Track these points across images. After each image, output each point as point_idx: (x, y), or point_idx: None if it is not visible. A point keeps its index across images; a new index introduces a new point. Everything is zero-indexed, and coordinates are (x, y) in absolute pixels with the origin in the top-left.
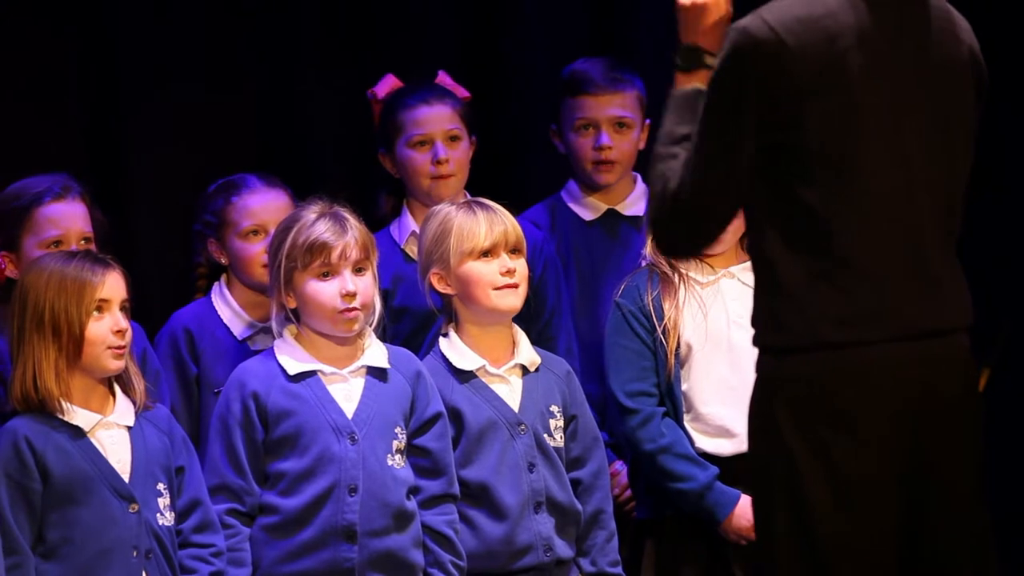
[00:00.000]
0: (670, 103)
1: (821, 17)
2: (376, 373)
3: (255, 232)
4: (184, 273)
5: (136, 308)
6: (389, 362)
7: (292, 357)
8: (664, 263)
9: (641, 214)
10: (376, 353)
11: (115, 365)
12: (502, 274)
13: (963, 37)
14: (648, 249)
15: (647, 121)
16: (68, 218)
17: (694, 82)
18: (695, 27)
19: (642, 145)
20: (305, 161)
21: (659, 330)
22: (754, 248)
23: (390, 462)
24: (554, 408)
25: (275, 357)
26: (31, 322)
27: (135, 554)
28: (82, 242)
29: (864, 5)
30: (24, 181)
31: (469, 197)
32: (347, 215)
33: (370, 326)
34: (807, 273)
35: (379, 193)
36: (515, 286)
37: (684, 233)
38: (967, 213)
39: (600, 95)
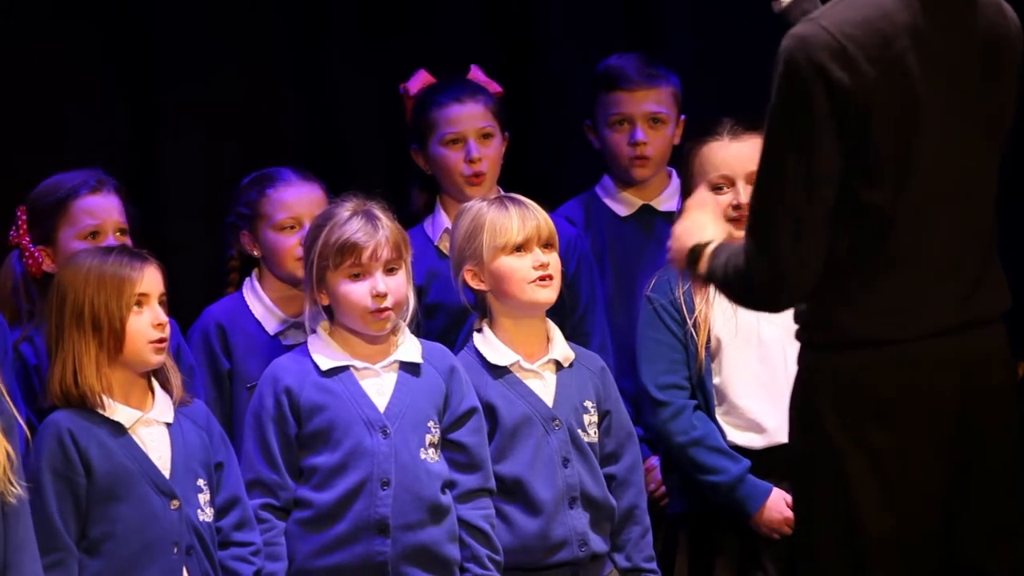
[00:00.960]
0: (710, 269)
1: (876, 19)
2: (409, 368)
3: (289, 225)
4: (216, 266)
5: (169, 302)
6: (423, 357)
7: (325, 353)
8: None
9: (675, 210)
10: (409, 348)
11: (156, 359)
12: (535, 268)
13: (1014, 30)
14: None
15: (682, 117)
16: (104, 210)
17: (706, 252)
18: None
19: (677, 140)
20: (340, 155)
21: (690, 324)
22: None
23: (423, 456)
24: (588, 403)
25: (308, 353)
26: (70, 318)
27: (176, 550)
28: (118, 234)
29: (918, 4)
30: (58, 176)
31: (502, 192)
32: (379, 213)
33: (404, 321)
34: (850, 270)
35: (412, 189)
36: (549, 279)
37: (797, 277)
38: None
39: (635, 90)
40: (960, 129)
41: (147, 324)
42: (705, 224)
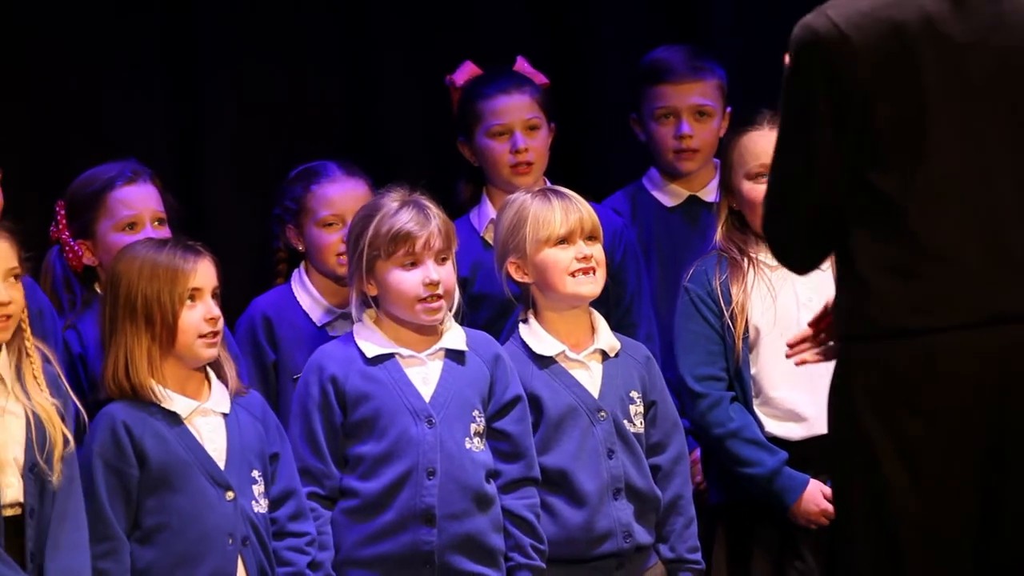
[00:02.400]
0: None
1: (885, 7)
2: (454, 356)
3: (332, 223)
4: (262, 258)
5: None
6: (468, 345)
7: (371, 341)
8: (734, 248)
9: (715, 200)
10: (454, 336)
11: (208, 353)
12: (578, 260)
13: None
14: (719, 237)
15: (728, 109)
16: (141, 199)
17: None
18: None
19: (723, 133)
20: (386, 147)
21: (727, 314)
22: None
23: (468, 445)
24: (634, 394)
25: (354, 341)
26: (123, 310)
27: (231, 541)
28: (156, 224)
29: None
30: (94, 169)
31: (548, 184)
32: (428, 204)
33: (451, 312)
34: (883, 260)
35: (458, 180)
36: (592, 271)
37: (793, 237)
38: None
39: (681, 83)
40: (976, 115)
41: (199, 318)
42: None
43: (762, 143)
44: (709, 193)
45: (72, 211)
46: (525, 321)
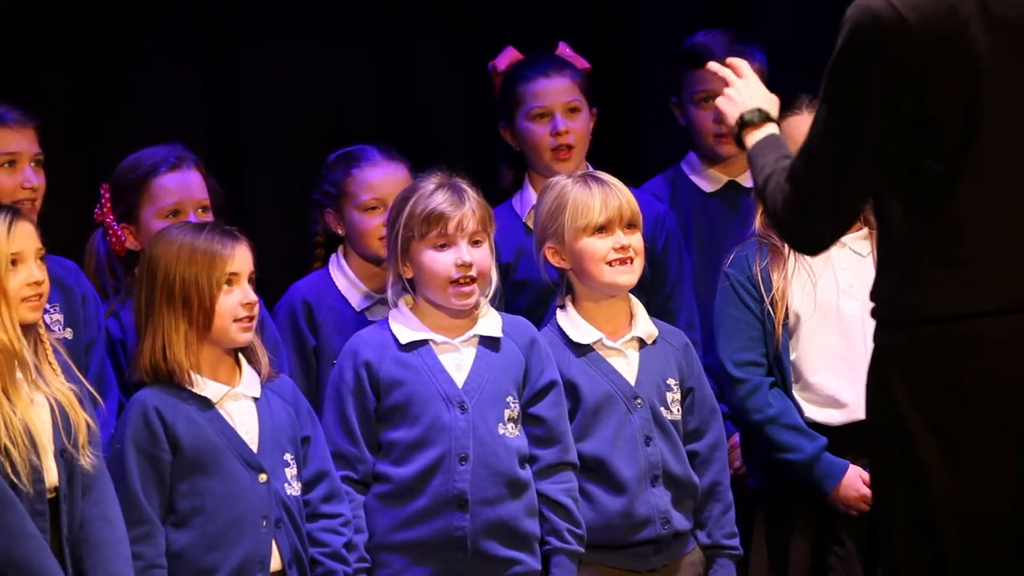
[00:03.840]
0: (754, 154)
1: None
2: (488, 342)
3: (373, 206)
4: (300, 242)
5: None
6: (503, 331)
7: (405, 326)
8: (774, 234)
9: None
10: (490, 322)
11: (244, 338)
12: (616, 250)
13: None
14: (758, 224)
15: None
16: (185, 187)
17: (763, 129)
18: (748, 98)
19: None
20: (425, 134)
21: (767, 300)
22: (877, 220)
23: (501, 431)
24: (671, 381)
25: (389, 327)
26: (161, 293)
27: (265, 524)
28: (199, 211)
29: None
30: (139, 153)
31: (590, 168)
32: (465, 186)
33: (485, 297)
34: (928, 246)
35: (501, 166)
36: (630, 261)
37: (821, 219)
38: None
39: None
40: None
41: (236, 303)
42: (759, 93)
43: (801, 127)
44: (748, 178)
45: (116, 195)
46: (562, 307)
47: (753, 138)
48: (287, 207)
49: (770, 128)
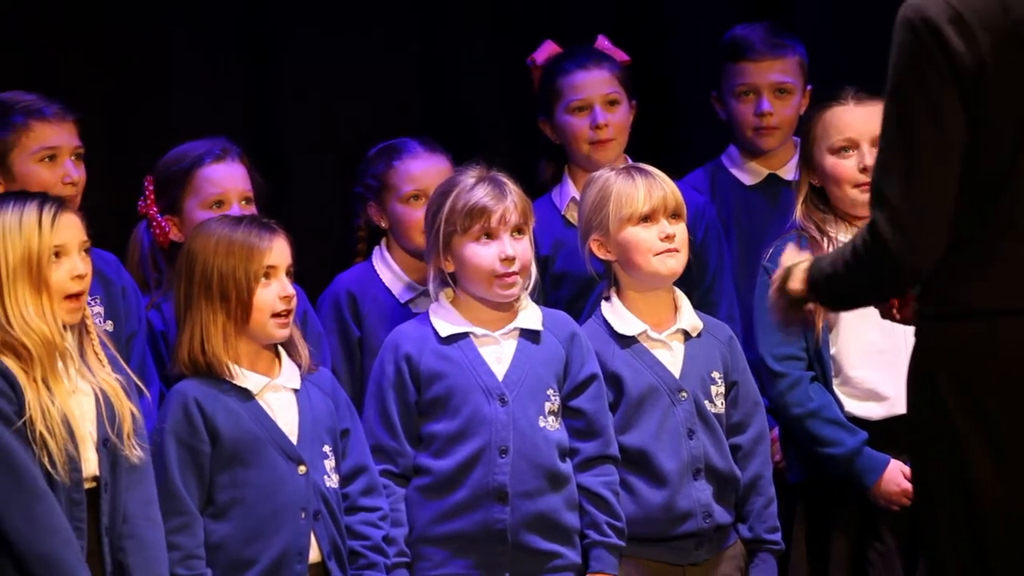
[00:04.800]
0: (817, 272)
1: None
2: (529, 335)
3: (416, 197)
4: (342, 235)
5: (295, 271)
6: (543, 324)
7: (445, 320)
8: (813, 226)
9: (794, 179)
10: (530, 315)
11: (280, 333)
12: (661, 239)
13: None
14: (798, 215)
15: (808, 87)
16: (228, 178)
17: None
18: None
19: (803, 111)
20: (466, 127)
21: None
22: None
23: (542, 424)
24: (715, 374)
25: (429, 320)
26: (199, 287)
27: (303, 515)
28: (243, 203)
29: None
30: (184, 145)
31: (630, 162)
32: (505, 180)
33: (526, 290)
34: (974, 242)
35: (540, 159)
36: (675, 250)
37: (928, 231)
38: None
39: (761, 60)
40: None
41: (274, 296)
42: (795, 257)
43: (846, 118)
44: (789, 171)
45: (160, 187)
46: (607, 299)
47: (798, 278)
48: (329, 201)
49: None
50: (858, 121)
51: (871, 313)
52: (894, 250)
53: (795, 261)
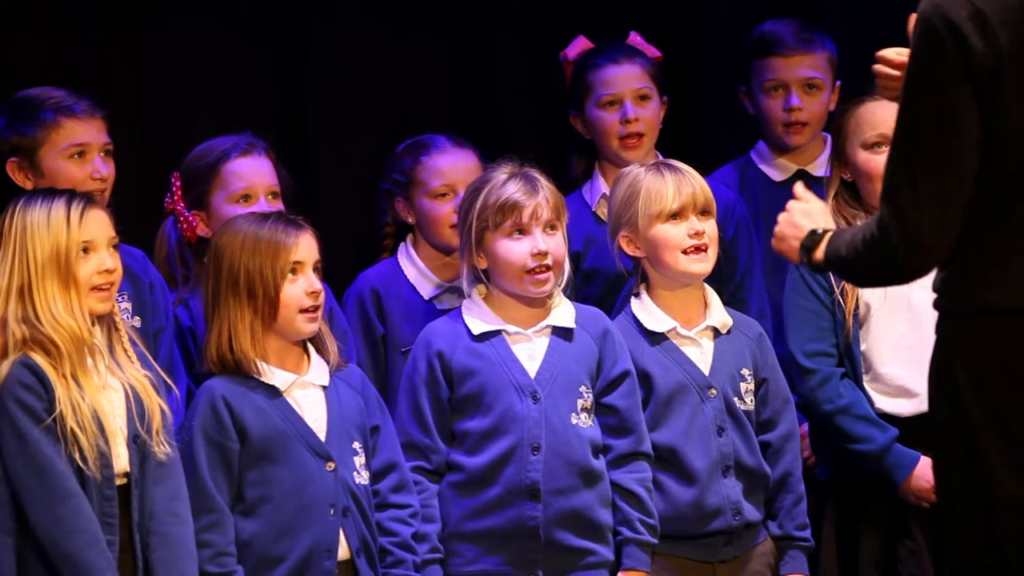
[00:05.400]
0: (829, 252)
1: None
2: (561, 332)
3: (443, 193)
4: (368, 231)
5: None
6: (576, 321)
7: (478, 317)
8: (843, 222)
9: (825, 175)
10: (563, 312)
11: (308, 329)
12: (690, 236)
13: None
14: (829, 210)
15: (837, 83)
16: (255, 172)
17: (825, 239)
18: (798, 231)
19: (832, 106)
20: (496, 123)
21: (837, 291)
22: None
23: (574, 421)
24: (745, 371)
25: (462, 317)
26: (226, 284)
27: (332, 512)
28: (270, 197)
29: None
30: (210, 141)
31: (660, 158)
32: (537, 175)
33: (559, 286)
34: (991, 238)
35: (571, 155)
36: (704, 249)
37: (928, 227)
38: None
39: (790, 56)
40: None
41: (301, 292)
42: (816, 214)
43: (880, 113)
44: (818, 167)
45: (187, 182)
46: (637, 296)
47: (821, 249)
48: (355, 197)
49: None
50: (892, 117)
51: (902, 309)
52: (898, 251)
53: (812, 215)
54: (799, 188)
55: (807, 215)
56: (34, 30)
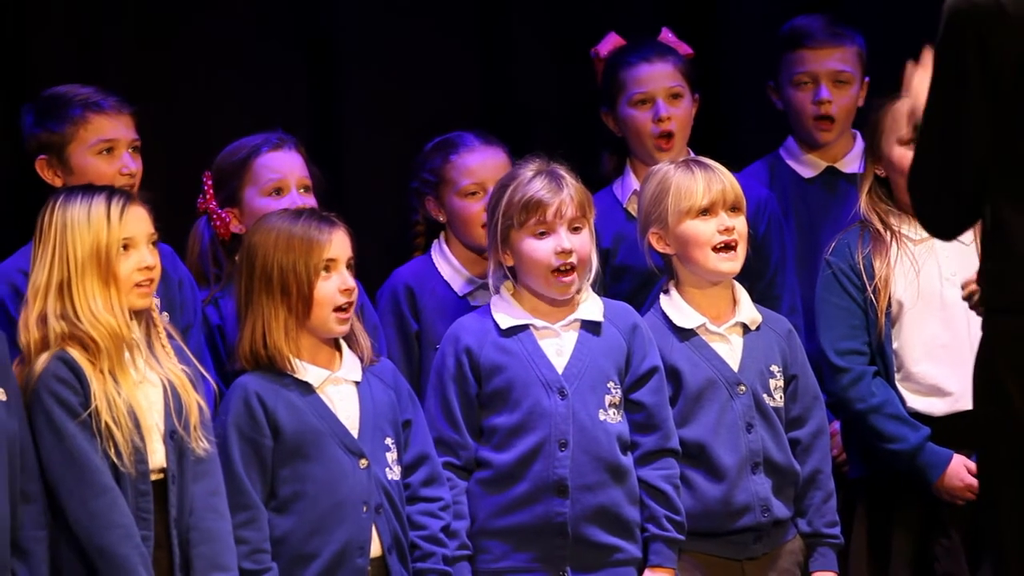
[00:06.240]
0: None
1: None
2: (590, 327)
3: (473, 191)
4: (399, 229)
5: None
6: (604, 316)
7: (505, 312)
8: (876, 219)
9: (859, 171)
10: (591, 307)
11: (340, 328)
12: (720, 232)
13: None
14: (862, 206)
15: (866, 79)
16: (286, 165)
17: None
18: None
19: (861, 102)
20: (527, 120)
21: (869, 288)
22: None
23: (602, 416)
24: (774, 368)
25: (490, 313)
26: (259, 281)
27: (365, 509)
28: (302, 190)
29: None
30: (241, 139)
31: (691, 155)
32: (563, 172)
33: (587, 282)
34: None
35: (602, 152)
36: (734, 246)
37: (936, 204)
38: None
39: (819, 48)
40: None
41: (334, 289)
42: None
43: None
44: (847, 164)
45: (219, 180)
46: (666, 292)
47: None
48: (386, 195)
49: None
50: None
51: (934, 308)
52: (922, 221)
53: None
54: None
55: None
56: (63, 29)
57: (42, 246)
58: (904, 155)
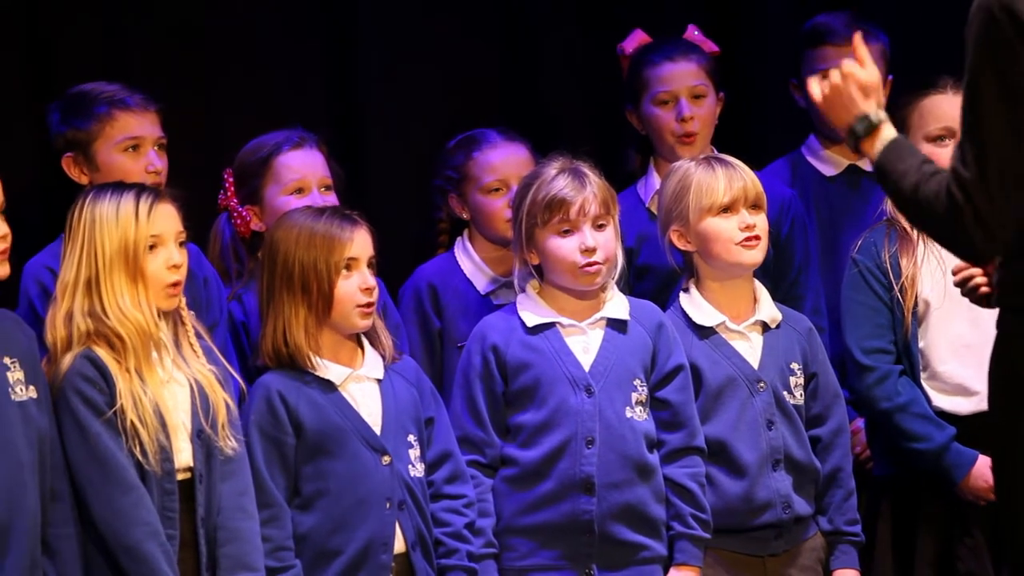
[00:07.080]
0: (884, 161)
1: None
2: (616, 325)
3: (496, 188)
4: (421, 227)
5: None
6: (630, 314)
7: (532, 310)
8: (903, 217)
9: None
10: (617, 305)
11: (363, 324)
12: (741, 229)
13: None
14: (888, 205)
15: (890, 77)
16: (307, 164)
17: (881, 137)
18: (849, 106)
19: (884, 100)
20: (551, 118)
21: (896, 287)
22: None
23: (629, 414)
24: (794, 365)
25: (516, 311)
26: (280, 279)
27: (388, 506)
28: (322, 189)
29: None
30: (261, 137)
31: (714, 152)
32: (587, 170)
33: (613, 279)
34: None
35: (627, 150)
36: (756, 240)
37: (994, 219)
38: None
39: (842, 45)
40: None
41: (355, 288)
42: (871, 90)
43: (944, 106)
44: (869, 162)
45: (240, 178)
46: (686, 290)
47: (876, 149)
48: (409, 193)
49: (888, 131)
50: (956, 110)
51: (961, 307)
52: (967, 222)
53: (867, 91)
54: (858, 41)
55: (863, 91)
56: (88, 28)
57: (71, 243)
58: (932, 152)
